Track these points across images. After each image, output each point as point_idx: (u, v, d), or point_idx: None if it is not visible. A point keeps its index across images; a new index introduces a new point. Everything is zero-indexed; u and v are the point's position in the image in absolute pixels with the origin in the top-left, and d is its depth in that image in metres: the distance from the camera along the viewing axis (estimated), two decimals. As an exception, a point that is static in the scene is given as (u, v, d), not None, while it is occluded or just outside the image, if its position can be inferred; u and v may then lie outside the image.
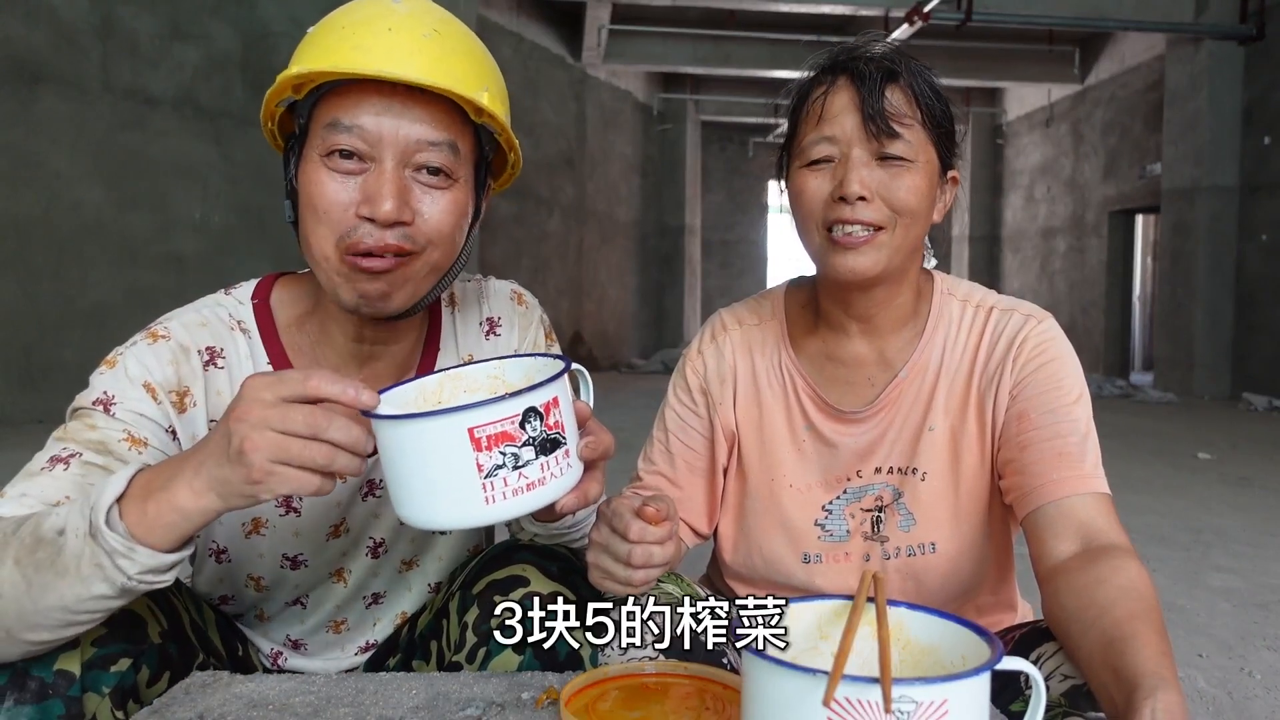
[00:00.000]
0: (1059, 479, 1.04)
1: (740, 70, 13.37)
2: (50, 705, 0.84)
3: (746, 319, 1.27)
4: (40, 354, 5.94)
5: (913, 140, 1.06)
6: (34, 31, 6.00)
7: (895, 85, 1.06)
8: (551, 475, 0.78)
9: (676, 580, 1.07)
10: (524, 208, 11.59)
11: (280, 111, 1.00)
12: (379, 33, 0.91)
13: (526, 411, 0.75)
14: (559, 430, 0.78)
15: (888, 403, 1.17)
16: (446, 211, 0.97)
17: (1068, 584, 0.94)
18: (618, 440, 0.90)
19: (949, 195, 1.15)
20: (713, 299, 16.40)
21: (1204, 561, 3.46)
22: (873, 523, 1.18)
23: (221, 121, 7.05)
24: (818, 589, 1.20)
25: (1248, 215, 9.83)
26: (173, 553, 0.80)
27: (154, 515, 0.78)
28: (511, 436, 0.74)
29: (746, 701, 0.68)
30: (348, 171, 0.94)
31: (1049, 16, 10.21)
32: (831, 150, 1.07)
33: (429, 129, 0.94)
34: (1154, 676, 0.76)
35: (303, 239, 0.98)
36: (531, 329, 1.20)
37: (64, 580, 0.78)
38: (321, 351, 1.08)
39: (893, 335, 1.18)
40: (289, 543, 1.12)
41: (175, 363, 1.00)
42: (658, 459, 1.26)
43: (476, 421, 0.73)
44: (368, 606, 1.21)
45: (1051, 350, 1.12)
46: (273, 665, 1.22)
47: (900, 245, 1.09)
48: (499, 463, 0.74)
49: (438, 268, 1.00)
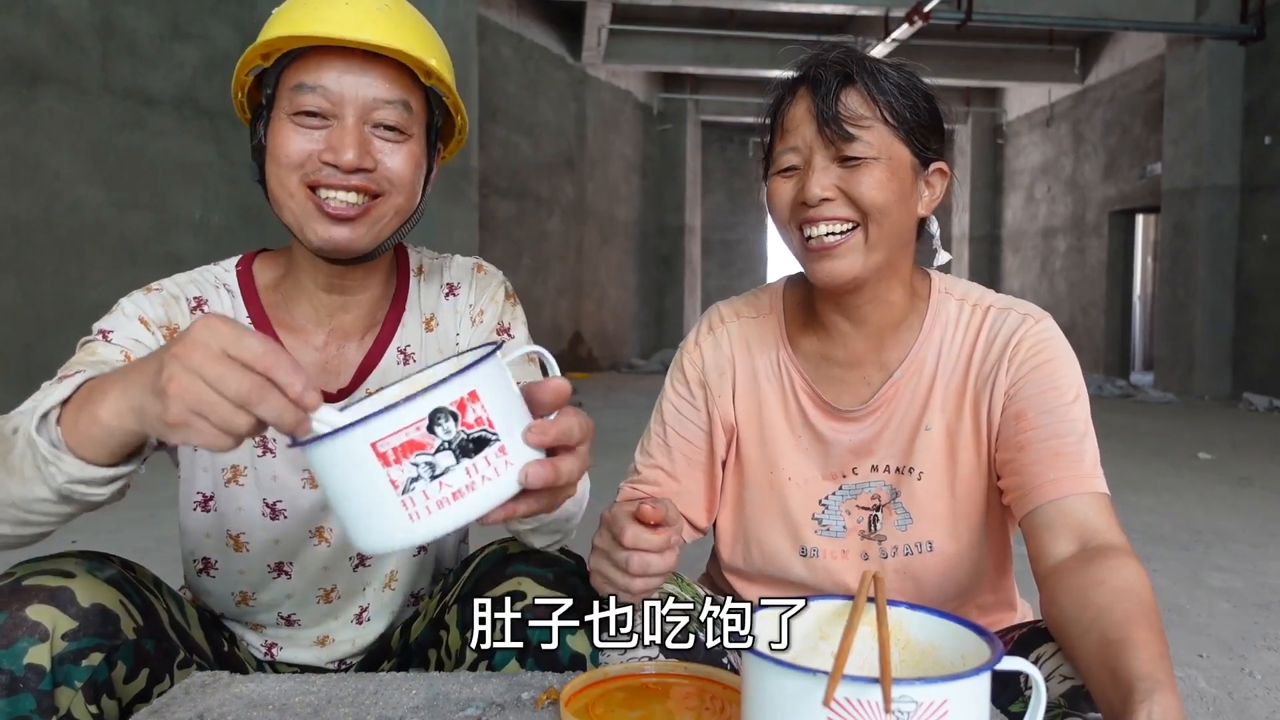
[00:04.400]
0: (1057, 479, 1.04)
1: (740, 70, 13.38)
2: (21, 699, 0.85)
3: (744, 312, 1.27)
4: (40, 354, 5.93)
5: (872, 140, 1.07)
6: (34, 31, 6.00)
7: (850, 88, 1.08)
8: (483, 478, 0.69)
9: (676, 580, 1.06)
10: (524, 208, 11.59)
11: (249, 82, 1.10)
12: (338, 5, 1.04)
13: (434, 413, 0.67)
14: (484, 427, 0.69)
15: (884, 401, 1.17)
16: (405, 161, 1.08)
17: (1065, 585, 0.94)
18: (617, 440, 0.90)
19: (937, 188, 1.15)
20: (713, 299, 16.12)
21: (1204, 561, 3.47)
22: (870, 521, 1.18)
23: (221, 121, 7.04)
24: (816, 585, 1.20)
25: (1248, 215, 9.83)
26: (105, 467, 0.79)
27: (82, 426, 0.78)
28: (421, 444, 0.66)
29: (746, 701, 0.68)
30: (312, 127, 1.05)
31: (1049, 16, 10.21)
32: (796, 159, 1.10)
33: (385, 88, 1.05)
34: (1150, 679, 0.76)
35: (270, 190, 1.08)
36: (491, 287, 1.26)
37: (12, 479, 0.81)
38: (295, 305, 1.17)
39: (888, 334, 1.18)
40: (268, 488, 1.15)
41: (165, 305, 1.12)
42: (655, 452, 1.26)
43: (376, 435, 0.65)
44: (355, 569, 1.21)
45: (1049, 350, 1.12)
46: (266, 656, 1.22)
47: (876, 242, 1.09)
48: (413, 475, 0.66)
49: (401, 211, 1.10)
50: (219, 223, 7.05)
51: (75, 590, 0.90)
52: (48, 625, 0.87)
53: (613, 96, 14.09)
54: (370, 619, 1.23)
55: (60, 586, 0.90)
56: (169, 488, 1.41)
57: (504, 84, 10.92)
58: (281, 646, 1.22)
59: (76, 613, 0.89)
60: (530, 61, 11.68)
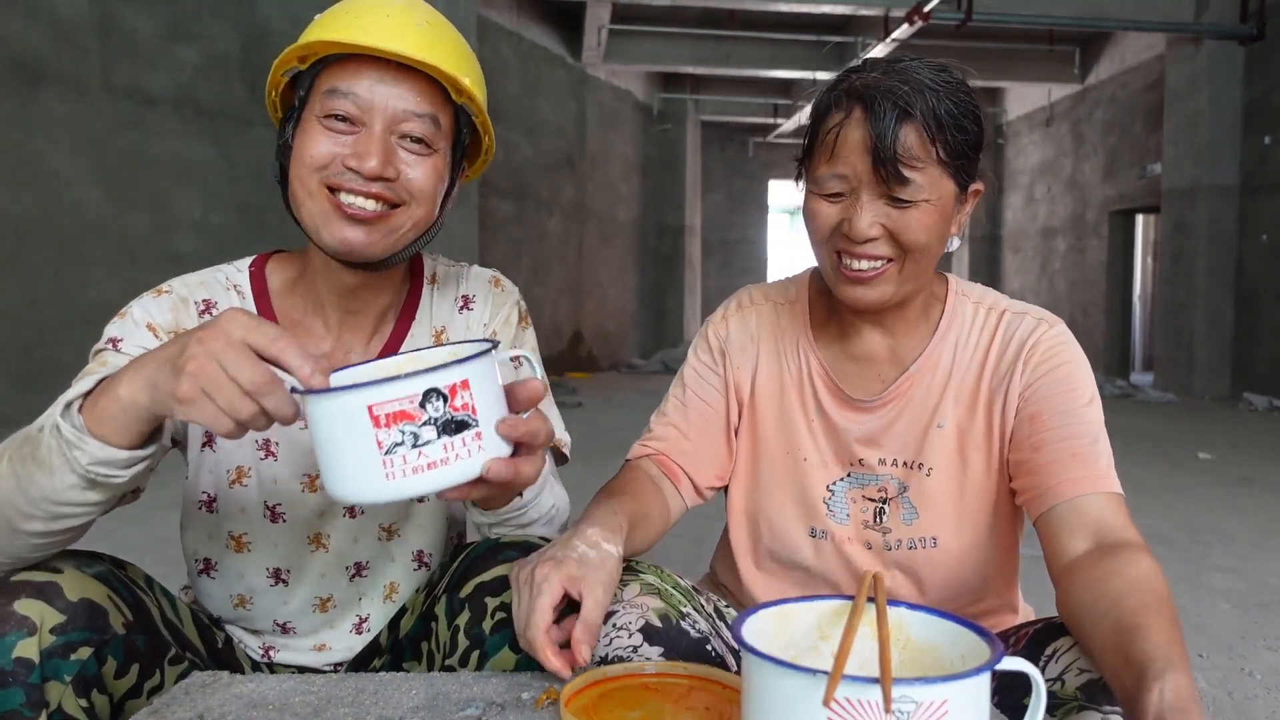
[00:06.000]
0: (1073, 479, 1.06)
1: (740, 70, 13.37)
2: (10, 693, 0.85)
3: (774, 296, 1.30)
4: (40, 354, 5.94)
5: (924, 182, 1.05)
6: (34, 31, 6.00)
7: (910, 124, 1.04)
8: (456, 456, 0.79)
9: (658, 572, 1.07)
10: (524, 208, 11.59)
11: (284, 82, 1.12)
12: (379, 18, 1.05)
13: (427, 392, 0.76)
14: (468, 412, 0.79)
15: (897, 395, 1.19)
16: (427, 174, 1.09)
17: (1081, 579, 0.96)
18: (617, 440, 0.90)
19: (969, 205, 1.15)
20: (713, 299, 16.37)
21: (1204, 561, 3.47)
22: (875, 513, 1.20)
23: (221, 121, 7.04)
24: (821, 571, 1.22)
25: (1248, 215, 9.83)
26: (127, 450, 0.84)
27: (102, 407, 0.83)
28: (410, 415, 0.76)
29: (746, 701, 0.68)
30: (340, 132, 1.06)
31: (1049, 16, 10.20)
32: (843, 186, 1.08)
33: (415, 102, 1.06)
34: (1163, 660, 0.78)
35: (291, 190, 1.09)
36: (505, 308, 1.27)
37: (42, 471, 0.85)
38: (305, 309, 1.18)
39: (905, 333, 1.20)
40: (269, 490, 1.16)
41: (174, 310, 1.13)
42: (671, 412, 1.29)
43: (375, 399, 0.75)
44: (351, 579, 1.21)
45: (1064, 354, 1.15)
46: (264, 658, 1.22)
47: (910, 276, 1.11)
48: (398, 440, 0.76)
49: (419, 224, 1.11)
50: (219, 223, 7.05)
51: (63, 585, 0.90)
52: (35, 619, 0.87)
53: (613, 96, 14.09)
54: (370, 629, 1.23)
55: (47, 581, 0.90)
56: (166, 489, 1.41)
57: (504, 84, 10.91)
58: (278, 650, 1.22)
59: (64, 607, 0.89)
60: (530, 61, 11.68)
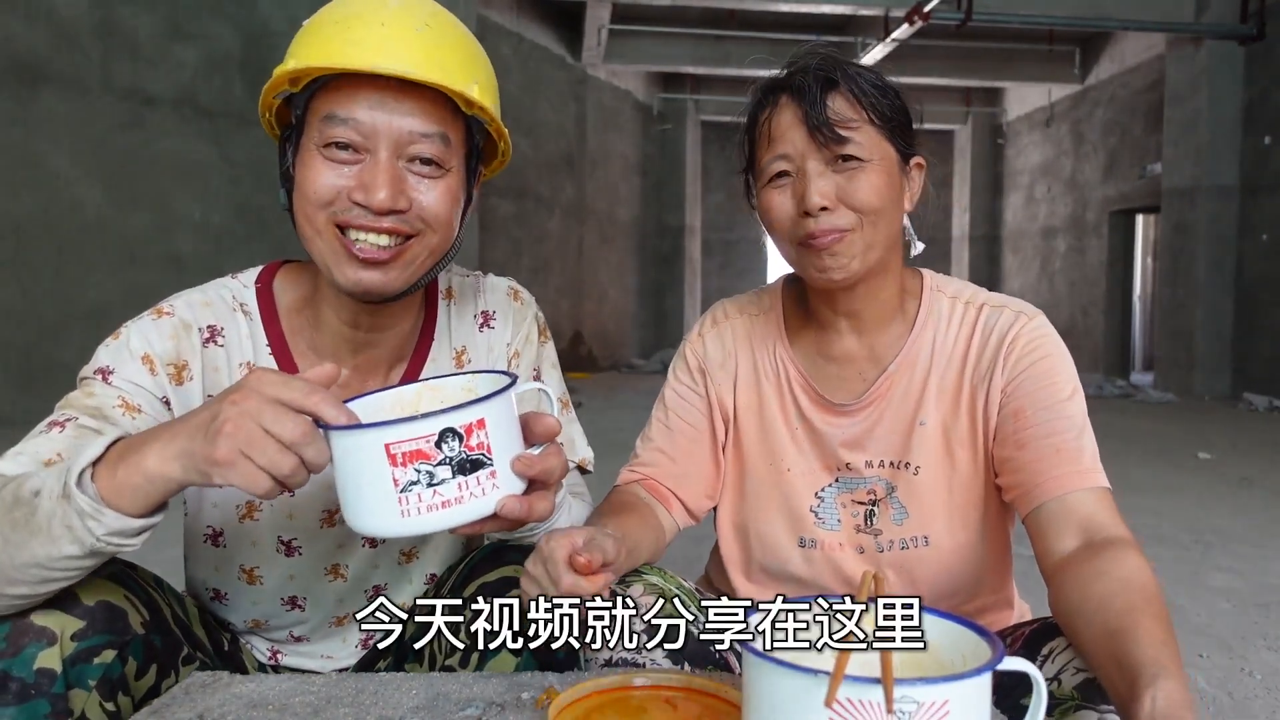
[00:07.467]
0: (1058, 475, 1.05)
1: (740, 70, 13.36)
2: (36, 705, 0.83)
3: (747, 309, 1.30)
4: (40, 354, 5.94)
5: (863, 140, 1.08)
6: (34, 31, 6.00)
7: (835, 92, 1.08)
8: (471, 495, 0.80)
9: (661, 573, 1.07)
10: (524, 208, 11.59)
11: (278, 103, 1.03)
12: (372, 27, 0.95)
13: (443, 432, 0.77)
14: (483, 451, 0.80)
15: (877, 396, 1.19)
16: (441, 198, 1.00)
17: (1070, 579, 0.95)
18: (617, 440, 0.90)
19: (916, 183, 1.17)
20: (712, 299, 16.04)
21: (1204, 561, 3.47)
22: (866, 516, 1.19)
23: (221, 121, 7.04)
24: (813, 580, 1.21)
25: (1248, 215, 9.83)
26: (141, 518, 0.82)
27: (122, 478, 0.80)
28: (426, 455, 0.77)
29: (747, 702, 0.68)
30: (343, 161, 0.97)
31: (1049, 16, 10.20)
32: (787, 166, 1.10)
33: (421, 121, 0.97)
34: (1154, 665, 0.78)
35: (297, 224, 1.02)
36: (526, 324, 1.23)
37: (36, 539, 0.81)
38: (317, 336, 1.11)
39: (881, 331, 1.20)
40: (283, 525, 1.12)
41: (175, 337, 1.05)
42: (656, 435, 1.27)
43: (391, 439, 0.76)
44: (370, 601, 1.20)
45: (1044, 347, 1.14)
46: (270, 660, 1.21)
47: (872, 242, 1.10)
48: (413, 479, 0.77)
49: (435, 251, 1.03)
50: (219, 223, 7.05)
51: (78, 590, 0.89)
52: (55, 629, 0.86)
53: (613, 96, 14.09)
54: (366, 654, 1.22)
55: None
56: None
57: (504, 84, 10.69)
58: (286, 655, 1.22)
59: (82, 612, 0.88)
60: (530, 61, 11.68)
